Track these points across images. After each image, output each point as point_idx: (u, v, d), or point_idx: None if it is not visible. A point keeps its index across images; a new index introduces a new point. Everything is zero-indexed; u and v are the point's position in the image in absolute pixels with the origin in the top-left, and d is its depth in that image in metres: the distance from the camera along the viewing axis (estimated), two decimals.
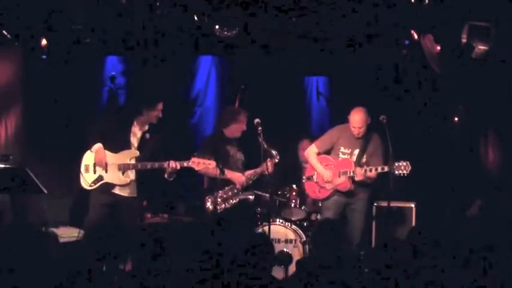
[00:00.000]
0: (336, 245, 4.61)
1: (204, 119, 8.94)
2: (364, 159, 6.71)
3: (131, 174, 6.33)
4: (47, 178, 6.54)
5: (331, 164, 6.79)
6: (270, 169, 6.54)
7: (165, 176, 6.33)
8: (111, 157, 6.27)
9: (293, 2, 7.19)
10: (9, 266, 3.88)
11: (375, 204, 7.55)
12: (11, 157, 6.70)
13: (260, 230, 6.85)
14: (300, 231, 7.14)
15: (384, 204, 7.19)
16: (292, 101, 8.91)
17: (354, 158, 6.72)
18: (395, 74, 8.30)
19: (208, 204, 6.73)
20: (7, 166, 6.38)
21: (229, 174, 6.65)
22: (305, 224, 7.37)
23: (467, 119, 7.91)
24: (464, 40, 6.97)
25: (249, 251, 4.09)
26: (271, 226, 6.68)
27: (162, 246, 4.29)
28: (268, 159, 6.55)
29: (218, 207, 6.61)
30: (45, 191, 6.21)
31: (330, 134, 6.92)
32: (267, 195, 7.03)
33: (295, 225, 7.20)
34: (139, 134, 6.38)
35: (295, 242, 7.08)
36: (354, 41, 7.91)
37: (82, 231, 6.48)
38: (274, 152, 6.63)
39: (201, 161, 6.25)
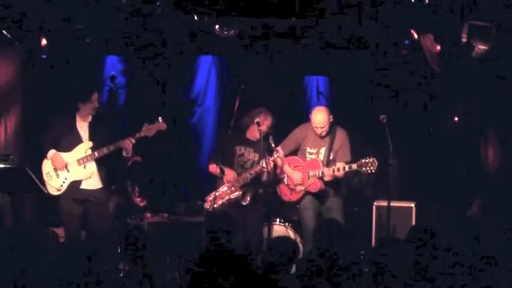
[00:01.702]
0: (336, 245, 4.61)
1: (204, 119, 8.94)
2: (331, 157, 6.67)
3: (92, 166, 6.35)
4: None
5: (300, 165, 6.72)
6: (270, 166, 6.51)
7: (123, 154, 6.36)
8: (68, 156, 6.31)
9: (293, 3, 7.19)
10: (10, 266, 3.88)
11: (375, 204, 7.54)
12: (11, 157, 6.70)
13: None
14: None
15: (384, 204, 7.18)
16: (292, 101, 8.90)
17: (321, 156, 6.66)
18: (395, 74, 8.31)
19: (206, 204, 6.76)
20: (7, 166, 6.38)
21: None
22: None
23: (467, 119, 7.91)
24: (464, 40, 6.96)
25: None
26: (271, 226, 6.68)
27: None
28: (268, 156, 6.53)
29: (215, 206, 6.61)
30: (45, 191, 6.22)
31: (294, 134, 6.83)
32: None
33: (295, 225, 7.19)
34: (85, 125, 6.42)
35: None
36: (353, 41, 7.91)
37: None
38: (276, 149, 6.61)
39: (152, 126, 6.33)
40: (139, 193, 7.88)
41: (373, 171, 6.41)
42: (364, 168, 6.40)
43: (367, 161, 6.38)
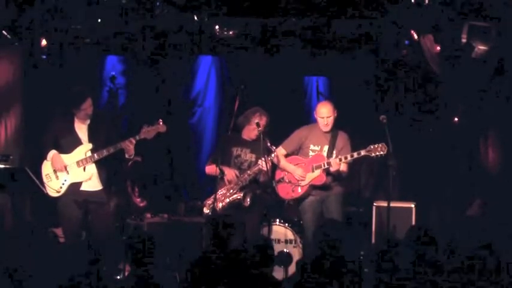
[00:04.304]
0: (336, 246, 4.61)
1: (204, 119, 8.94)
2: (334, 155, 6.67)
3: (92, 168, 6.35)
4: None
5: (302, 162, 6.71)
6: (268, 166, 6.51)
7: (126, 156, 6.33)
8: (68, 158, 6.28)
9: (293, 2, 7.20)
10: (10, 266, 3.89)
11: (375, 204, 7.55)
12: (11, 157, 6.70)
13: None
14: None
15: (384, 204, 7.18)
16: (292, 101, 8.90)
17: (324, 154, 6.68)
18: (396, 74, 8.32)
19: (205, 208, 6.74)
20: (7, 166, 6.37)
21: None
22: None
23: (467, 119, 7.92)
24: (464, 40, 6.97)
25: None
26: (271, 226, 6.68)
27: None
28: (266, 155, 6.53)
29: (215, 208, 6.60)
30: (45, 191, 6.21)
31: (297, 134, 6.84)
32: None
33: (295, 225, 7.19)
34: (84, 127, 6.39)
35: (295, 242, 7.07)
36: (353, 41, 7.91)
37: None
38: (272, 148, 6.62)
39: (152, 128, 6.31)
40: (139, 193, 7.88)
41: (383, 155, 6.40)
42: (373, 154, 6.40)
43: (376, 146, 6.40)
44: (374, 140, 6.86)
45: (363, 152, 6.46)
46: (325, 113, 6.63)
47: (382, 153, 6.39)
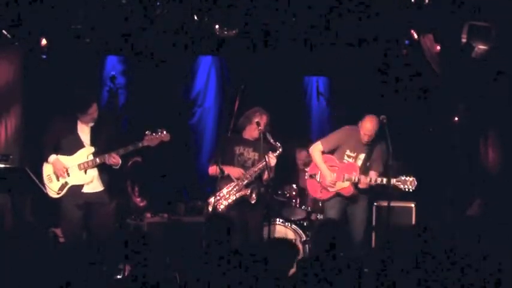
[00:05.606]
0: (336, 245, 4.61)
1: (204, 119, 8.93)
2: (368, 164, 6.71)
3: (93, 170, 6.34)
4: None
5: (336, 166, 6.76)
6: (273, 162, 6.52)
7: (113, 166, 6.33)
8: (69, 160, 6.27)
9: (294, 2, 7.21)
10: (10, 266, 3.89)
11: (375, 204, 7.55)
12: (11, 157, 6.69)
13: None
14: (300, 231, 7.15)
15: (384, 204, 7.19)
16: (292, 101, 8.90)
17: (359, 162, 6.71)
18: (395, 74, 8.32)
19: (209, 206, 6.72)
20: (7, 166, 6.37)
21: (227, 170, 6.67)
22: (305, 223, 7.37)
23: (467, 119, 7.92)
24: (464, 40, 6.97)
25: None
26: (271, 226, 6.68)
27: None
28: (270, 152, 6.53)
29: (218, 207, 6.59)
30: (45, 191, 6.20)
31: (337, 135, 6.89)
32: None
33: (295, 225, 7.20)
34: (87, 129, 6.37)
35: (295, 242, 7.07)
36: (353, 41, 7.91)
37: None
38: (277, 145, 6.63)
39: (155, 137, 6.30)
40: (139, 193, 7.88)
41: (412, 190, 6.46)
42: (402, 186, 6.47)
43: (406, 179, 6.46)
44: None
45: (392, 181, 6.49)
46: (368, 130, 6.64)
47: (411, 187, 6.44)
